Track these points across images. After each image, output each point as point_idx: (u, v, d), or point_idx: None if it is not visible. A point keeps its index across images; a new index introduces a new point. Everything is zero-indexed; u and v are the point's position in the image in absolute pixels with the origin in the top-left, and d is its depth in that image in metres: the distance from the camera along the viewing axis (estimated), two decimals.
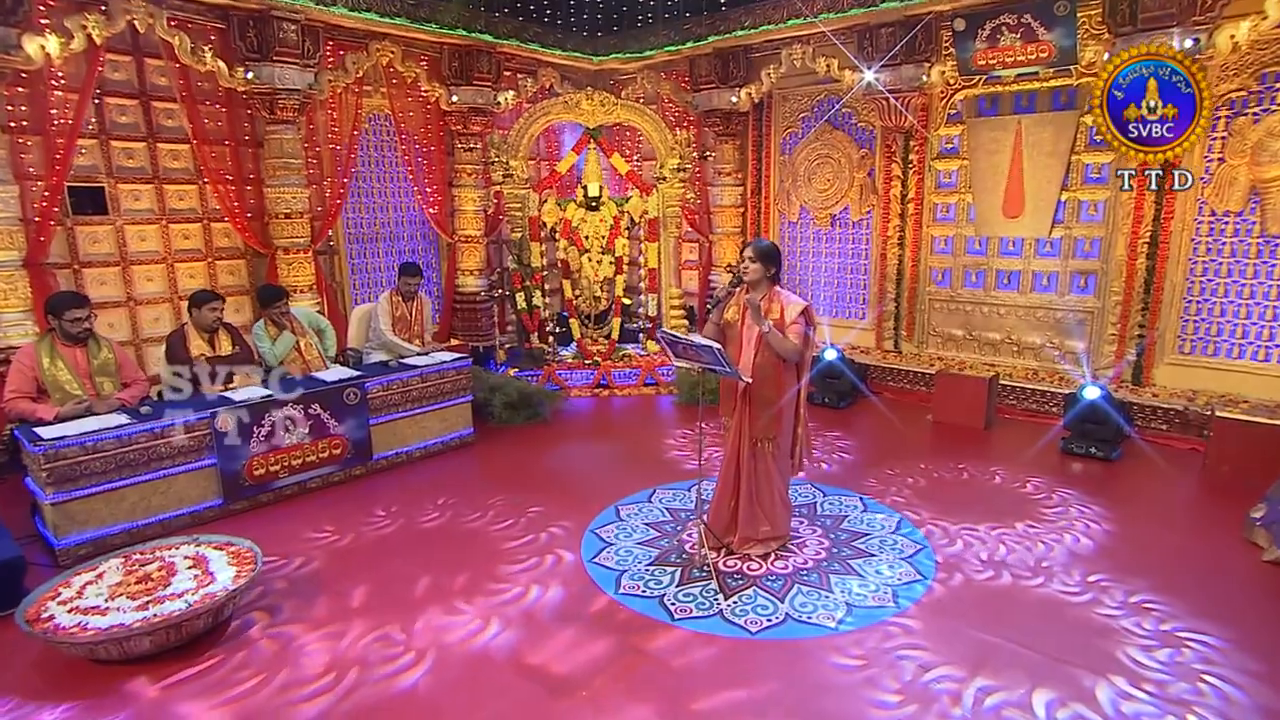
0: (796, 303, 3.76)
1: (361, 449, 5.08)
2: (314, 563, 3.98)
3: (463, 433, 5.70)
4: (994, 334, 6.86)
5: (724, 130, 8.15)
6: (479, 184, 7.88)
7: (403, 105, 7.42)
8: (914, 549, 4.05)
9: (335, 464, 4.97)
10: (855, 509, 4.54)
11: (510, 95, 7.90)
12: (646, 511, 4.52)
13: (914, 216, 7.20)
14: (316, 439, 4.85)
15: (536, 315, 7.38)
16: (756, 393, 3.81)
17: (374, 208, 7.56)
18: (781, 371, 3.80)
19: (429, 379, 5.44)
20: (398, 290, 5.98)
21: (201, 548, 3.70)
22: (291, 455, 4.73)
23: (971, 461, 5.34)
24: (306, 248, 6.46)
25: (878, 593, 3.61)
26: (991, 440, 5.85)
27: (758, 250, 3.77)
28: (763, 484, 3.92)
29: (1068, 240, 6.32)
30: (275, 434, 4.65)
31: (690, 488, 4.85)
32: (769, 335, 3.66)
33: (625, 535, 4.23)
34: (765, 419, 3.83)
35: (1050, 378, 6.44)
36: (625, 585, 3.70)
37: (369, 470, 5.15)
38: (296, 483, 4.79)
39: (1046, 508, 4.56)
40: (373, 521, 4.48)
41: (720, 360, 3.48)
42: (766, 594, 3.59)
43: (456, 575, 3.82)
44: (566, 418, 6.47)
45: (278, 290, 5.32)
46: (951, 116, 6.82)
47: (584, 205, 7.47)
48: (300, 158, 6.35)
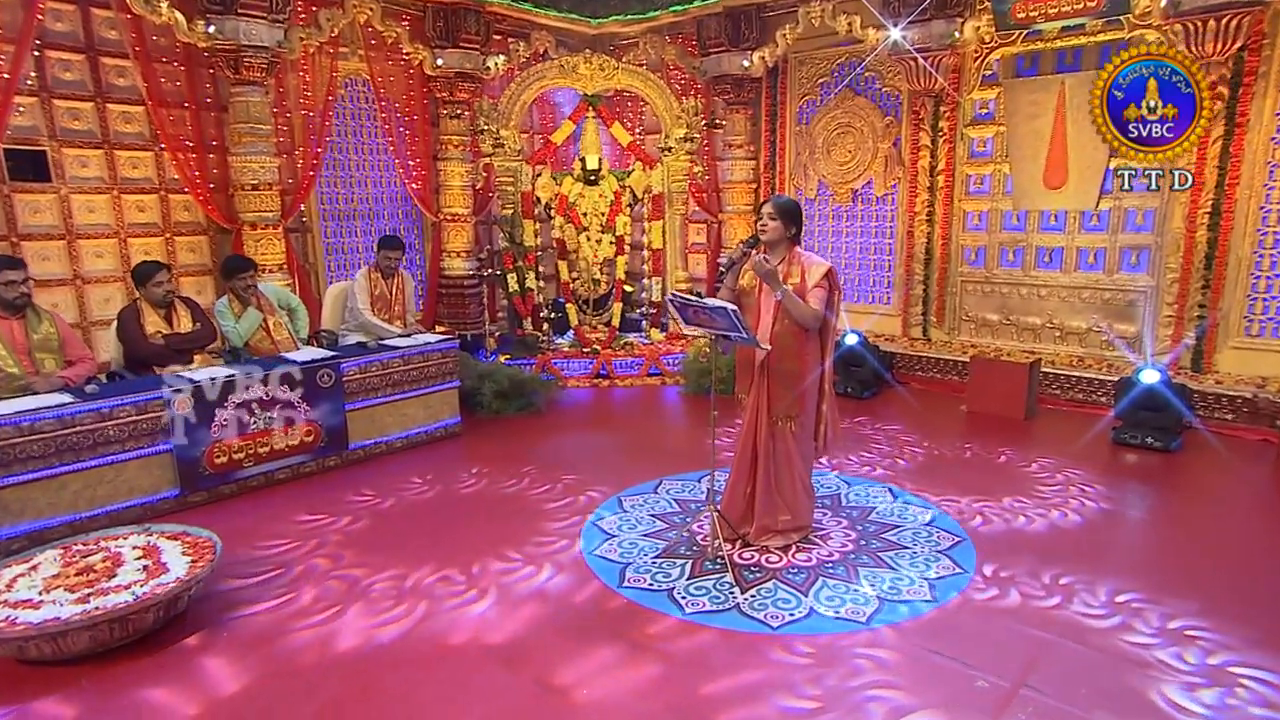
0: (819, 264, 3.69)
1: (336, 437, 5.01)
2: (297, 560, 3.87)
3: (448, 422, 5.64)
4: (1034, 318, 6.78)
5: (735, 98, 8.10)
6: (466, 157, 7.82)
7: (382, 69, 7.37)
8: (951, 541, 3.96)
9: (307, 453, 4.90)
10: (884, 500, 4.51)
11: (501, 60, 7.83)
12: (652, 503, 4.50)
13: (944, 190, 7.13)
14: (286, 425, 4.78)
15: (530, 299, 7.31)
16: (776, 366, 3.74)
17: (350, 182, 7.50)
18: (804, 342, 3.73)
19: (411, 361, 5.38)
20: (376, 266, 5.91)
21: (154, 538, 3.61)
22: (258, 442, 4.66)
23: (1011, 449, 5.29)
24: (276, 223, 6.38)
25: (912, 587, 3.52)
26: (1033, 430, 5.78)
27: (778, 207, 3.71)
28: (782, 468, 3.85)
29: (1116, 212, 6.25)
30: (240, 418, 4.57)
31: (701, 478, 4.83)
32: (786, 301, 3.59)
33: (629, 527, 4.18)
34: (786, 395, 3.76)
35: (1098, 364, 6.35)
36: (630, 578, 3.64)
37: (344, 461, 5.09)
38: (263, 473, 4.73)
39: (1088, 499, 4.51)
40: (356, 506, 4.40)
41: (737, 324, 3.40)
42: (788, 587, 3.53)
43: (445, 567, 3.72)
44: (563, 408, 6.43)
45: (244, 261, 5.26)
46: (986, 78, 6.76)
47: (582, 179, 7.42)
48: (269, 124, 6.28)
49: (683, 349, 7.33)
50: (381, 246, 5.88)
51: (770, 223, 3.69)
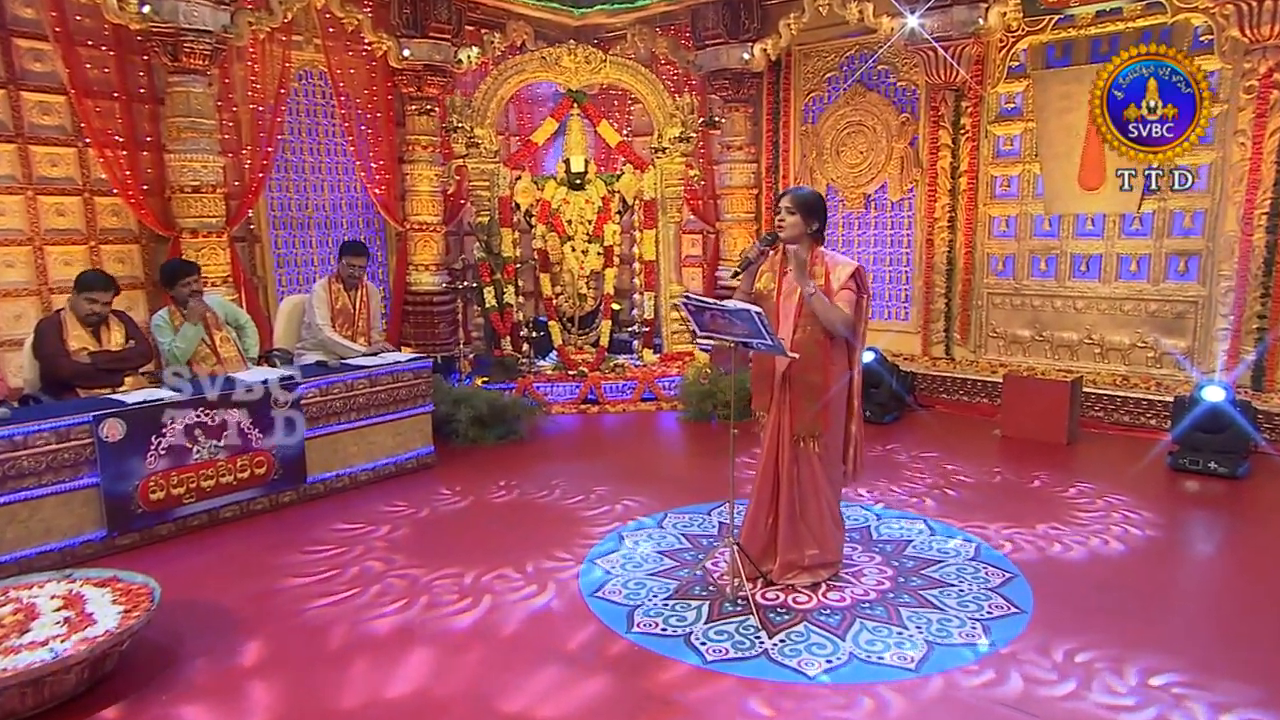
0: (845, 263, 3.65)
1: (293, 469, 4.88)
2: (246, 611, 3.67)
3: (420, 451, 5.53)
4: (1070, 333, 6.76)
5: (733, 95, 8.10)
6: (436, 159, 7.75)
7: (341, 60, 7.30)
8: (1002, 578, 3.87)
9: (259, 487, 4.75)
10: (919, 533, 4.46)
11: (474, 53, 7.81)
12: (658, 538, 4.42)
13: (967, 193, 7.13)
14: (234, 455, 4.63)
15: (509, 316, 7.22)
16: (798, 378, 3.67)
17: (305, 186, 7.41)
18: (829, 350, 3.66)
19: (379, 383, 5.27)
20: (338, 276, 5.80)
21: (77, 585, 3.42)
22: (201, 474, 4.51)
23: (1053, 477, 5.23)
24: (220, 230, 6.25)
25: (964, 629, 3.41)
26: (1077, 457, 5.74)
27: (797, 199, 3.65)
28: (808, 495, 3.76)
29: (1161, 215, 6.25)
30: (180, 447, 4.41)
31: (711, 510, 4.77)
32: (813, 300, 3.52)
33: (633, 565, 4.09)
34: (810, 411, 3.67)
35: (1145, 383, 6.31)
36: (640, 622, 3.51)
37: (302, 496, 4.95)
38: (207, 510, 4.57)
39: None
40: (314, 559, 4.20)
41: (761, 328, 3.30)
42: (822, 631, 3.43)
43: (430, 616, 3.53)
44: (547, 436, 6.35)
45: (186, 264, 5.14)
46: (1013, 70, 6.80)
47: (566, 183, 7.38)
48: (213, 118, 6.17)
49: (679, 371, 7.24)
50: (344, 253, 5.77)
51: (789, 217, 3.63)
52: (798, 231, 3.64)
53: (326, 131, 7.52)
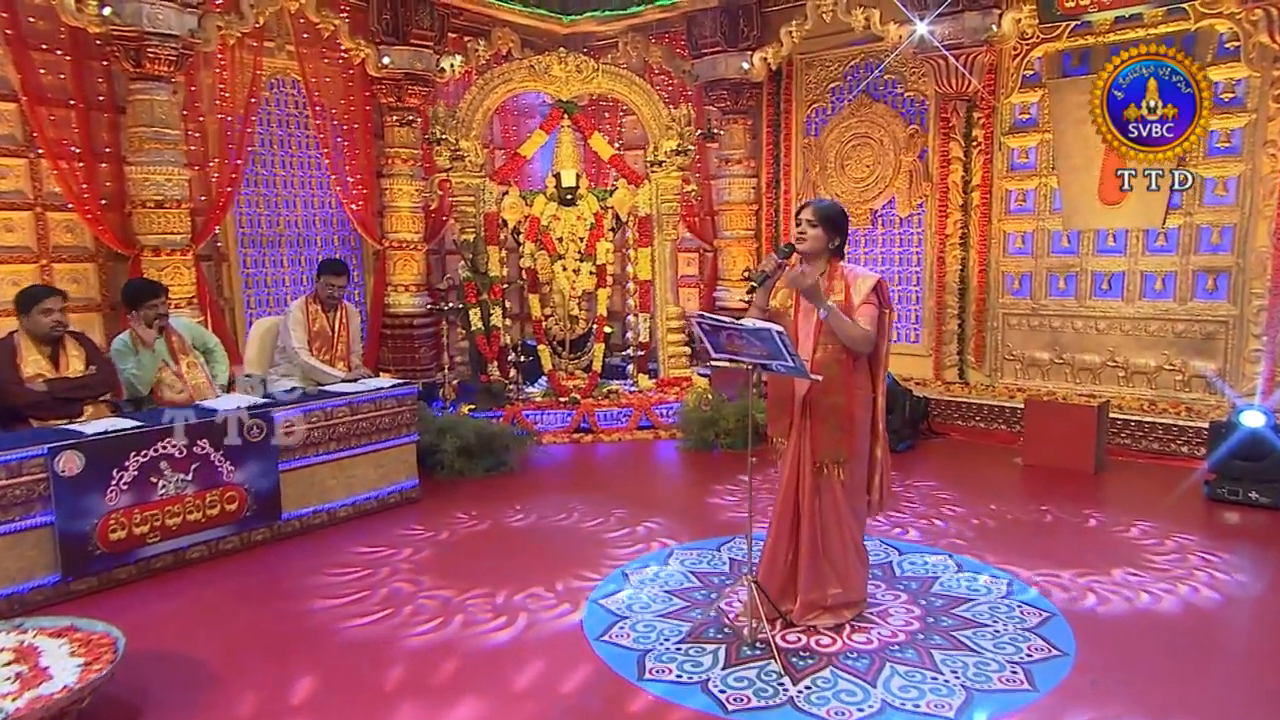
0: (866, 276, 3.63)
1: (266, 504, 4.79)
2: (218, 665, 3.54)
3: (404, 484, 5.47)
4: (1092, 355, 6.76)
5: (732, 106, 8.13)
6: (417, 173, 7.74)
7: (317, 68, 7.28)
8: (1040, 617, 3.82)
9: (229, 524, 4.66)
10: (945, 569, 4.41)
11: (457, 61, 7.82)
12: (665, 577, 4.35)
13: (980, 208, 7.14)
14: (203, 490, 4.53)
15: (495, 339, 7.15)
16: (820, 401, 3.63)
17: (276, 201, 7.37)
18: (851, 371, 3.63)
19: (361, 411, 5.21)
20: (315, 296, 5.75)
21: (30, 635, 3.32)
22: (167, 512, 4.41)
23: (1086, 509, 5.20)
24: (185, 248, 6.19)
25: (1003, 673, 3.34)
26: (1107, 486, 5.72)
27: (819, 212, 3.64)
28: (830, 527, 3.71)
29: (1188, 230, 6.28)
30: (144, 482, 4.31)
31: (720, 546, 4.73)
32: (831, 320, 3.50)
33: (641, 606, 4.01)
34: (832, 436, 3.63)
35: (1174, 408, 6.30)
36: (651, 668, 3.43)
37: (275, 534, 4.87)
38: (172, 551, 4.47)
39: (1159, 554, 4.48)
40: (291, 603, 4.10)
41: (782, 349, 3.26)
42: (850, 676, 3.36)
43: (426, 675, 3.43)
44: (539, 468, 6.30)
45: (152, 285, 5.08)
46: (1027, 78, 6.84)
47: (556, 199, 7.37)
48: (178, 128, 6.12)
49: (677, 397, 7.19)
50: (323, 272, 5.73)
51: (810, 230, 3.62)
52: (819, 246, 3.61)
53: (300, 144, 7.49)
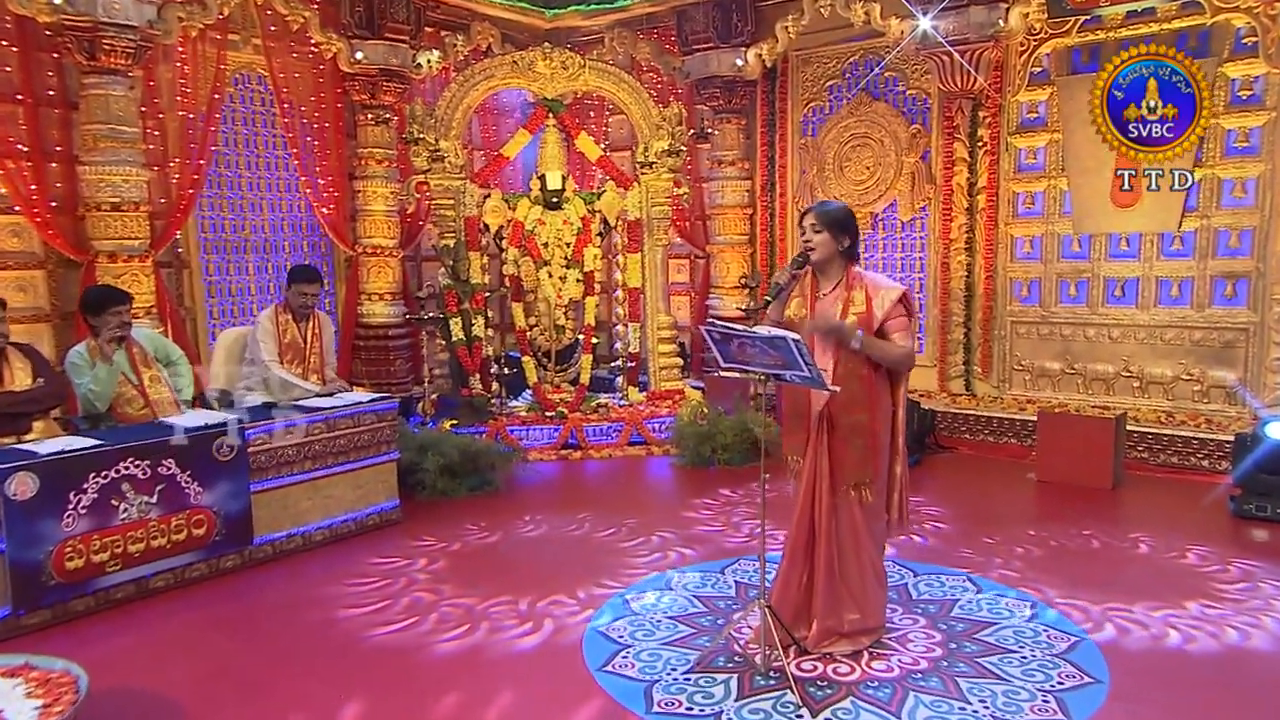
0: (890, 288, 3.62)
1: (237, 528, 4.73)
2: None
3: (384, 505, 5.44)
4: (1105, 365, 6.78)
5: (725, 105, 8.13)
6: (392, 175, 7.69)
7: (285, 62, 7.23)
8: (1068, 642, 3.81)
9: (197, 550, 4.59)
10: (964, 590, 4.41)
11: (434, 56, 7.77)
12: (668, 602, 4.32)
13: (987, 212, 7.16)
14: (169, 513, 4.45)
15: (478, 350, 7.08)
16: (840, 419, 3.61)
17: (241, 204, 7.32)
18: (873, 384, 3.62)
19: (338, 427, 5.17)
20: (286, 305, 5.67)
21: None
22: (129, 537, 4.32)
23: (1105, 528, 5.19)
24: (144, 254, 6.12)
25: (1035, 702, 3.32)
26: (1127, 502, 5.73)
27: (823, 215, 3.63)
28: (848, 550, 3.69)
29: (1205, 234, 6.32)
30: (104, 505, 4.22)
31: (725, 568, 4.72)
32: (867, 350, 3.50)
33: (645, 634, 3.97)
34: (854, 454, 3.62)
35: (1193, 420, 6.32)
36: (660, 700, 3.39)
37: (246, 560, 4.80)
38: (134, 580, 4.39)
39: (1223, 582, 4.42)
40: (266, 635, 4.02)
41: (799, 359, 3.23)
42: (872, 706, 3.33)
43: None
44: (526, 487, 6.26)
45: (115, 292, 4.96)
46: (1035, 76, 6.88)
47: (541, 202, 7.33)
48: (135, 126, 6.05)
49: (670, 411, 7.14)
50: (294, 280, 5.65)
51: (815, 236, 3.61)
52: (828, 251, 3.61)
53: (267, 143, 7.44)
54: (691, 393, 7.48)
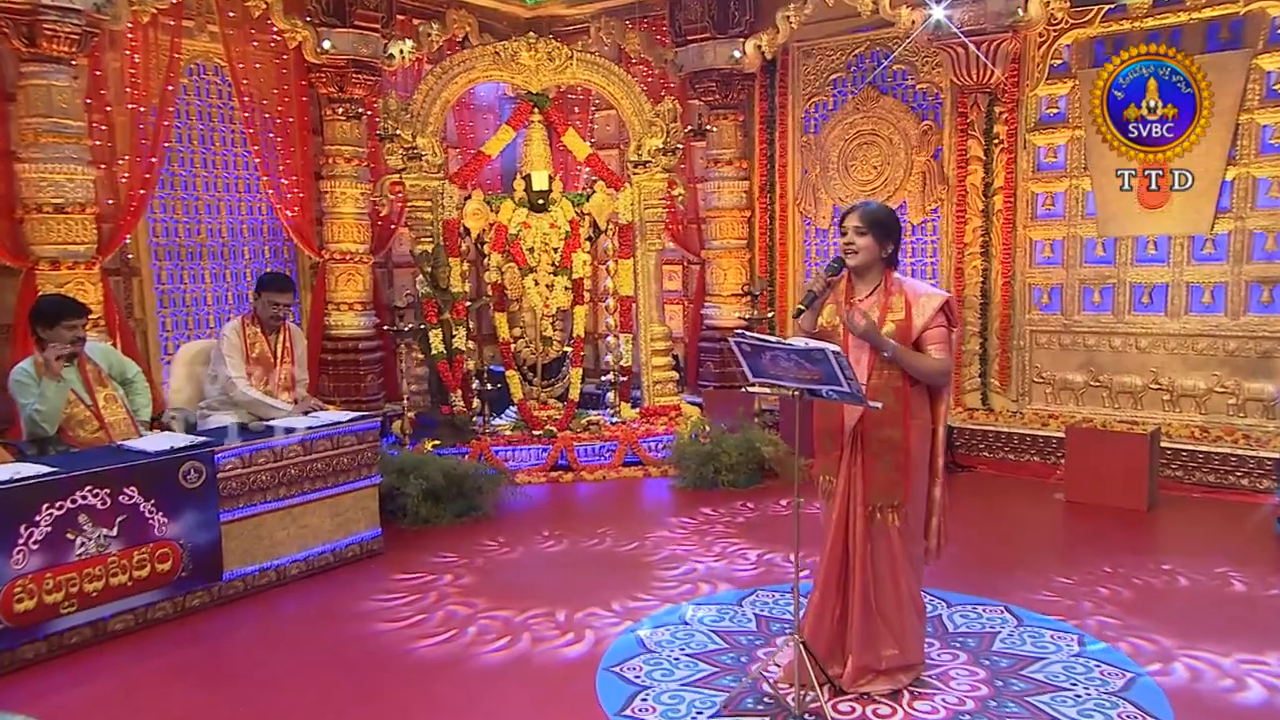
0: (931, 295, 3.61)
1: (205, 562, 4.63)
2: None
3: (365, 535, 5.37)
4: (1132, 377, 6.81)
5: (721, 101, 8.11)
6: (362, 174, 7.61)
7: (244, 51, 7.14)
8: (1123, 679, 3.77)
9: (161, 588, 4.48)
10: (1003, 622, 4.36)
11: (408, 46, 7.70)
12: (684, 638, 4.26)
13: (1004, 214, 7.18)
14: (131, 547, 4.34)
15: (459, 364, 6.99)
16: (872, 434, 3.58)
17: (197, 206, 7.23)
18: (909, 398, 3.58)
19: (315, 449, 5.10)
20: (254, 316, 5.61)
21: None
22: (86, 575, 4.20)
23: (1144, 554, 5.19)
24: (90, 260, 6.04)
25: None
26: (1166, 525, 5.76)
27: (868, 217, 3.59)
28: (884, 579, 3.64)
29: (1239, 236, 6.37)
30: (58, 539, 4.10)
31: (742, 599, 4.66)
32: (900, 359, 3.48)
33: (662, 673, 3.90)
34: (887, 475, 3.58)
35: (1229, 436, 6.35)
36: None
37: (215, 598, 4.70)
38: (91, 623, 4.27)
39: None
40: (241, 686, 3.92)
41: (839, 372, 3.18)
42: None
43: None
44: (516, 512, 6.19)
45: (69, 304, 4.86)
46: (1055, 69, 6.93)
47: (526, 204, 7.29)
48: (80, 120, 5.97)
49: (667, 429, 7.08)
50: (264, 289, 5.59)
51: (858, 239, 3.58)
52: (871, 257, 3.59)
53: (225, 140, 7.36)
54: (689, 409, 7.43)
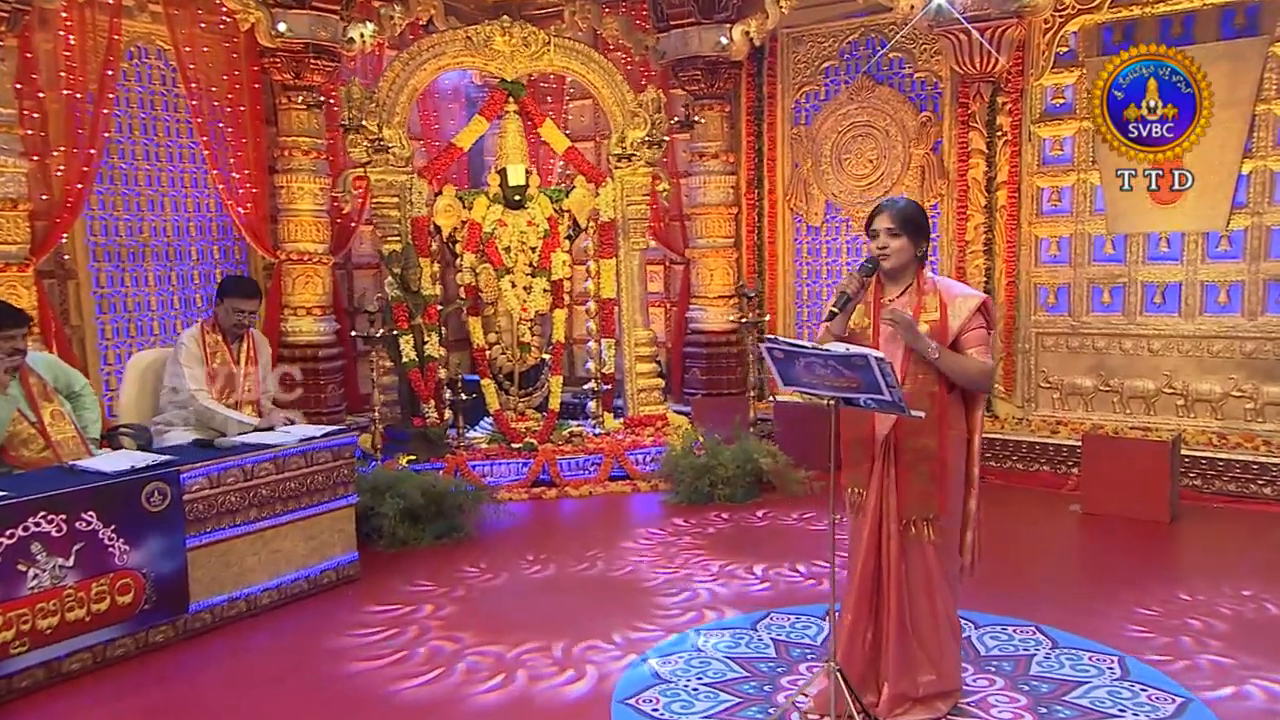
0: (968, 296, 3.61)
1: (170, 593, 4.48)
2: None
3: (341, 559, 5.27)
4: (1144, 381, 6.89)
5: (706, 90, 8.10)
6: (321, 168, 7.51)
7: (191, 34, 7.03)
8: (1174, 704, 3.78)
9: (121, 622, 4.32)
10: (1037, 644, 4.36)
11: (369, 30, 7.59)
12: (698, 666, 4.21)
13: (1007, 209, 7.24)
14: (88, 577, 4.19)
15: (432, 372, 6.89)
16: (905, 443, 3.56)
17: (139, 203, 7.11)
18: (945, 405, 3.56)
19: (288, 467, 4.98)
20: (215, 323, 5.51)
21: None
22: (39, 611, 4.04)
23: (1175, 569, 5.24)
24: (23, 261, 5.95)
25: None
26: (1190, 538, 5.82)
27: (898, 216, 3.57)
28: (920, 599, 3.62)
29: (1256, 233, 6.47)
30: (8, 572, 3.95)
31: (756, 622, 4.63)
32: (943, 362, 3.45)
33: (682, 704, 3.84)
34: (921, 487, 3.56)
35: (1249, 443, 6.44)
36: None
37: (181, 632, 4.56)
38: (44, 664, 4.11)
39: None
40: None
41: (882, 379, 3.14)
42: None
43: None
44: (499, 532, 6.12)
45: (12, 313, 4.72)
46: (1061, 57, 7.01)
47: (501, 200, 7.24)
48: (11, 107, 5.91)
49: (655, 440, 7.06)
50: (227, 294, 5.50)
51: (891, 242, 3.56)
52: (905, 258, 3.57)
53: (170, 130, 7.26)
54: (676, 418, 7.40)
